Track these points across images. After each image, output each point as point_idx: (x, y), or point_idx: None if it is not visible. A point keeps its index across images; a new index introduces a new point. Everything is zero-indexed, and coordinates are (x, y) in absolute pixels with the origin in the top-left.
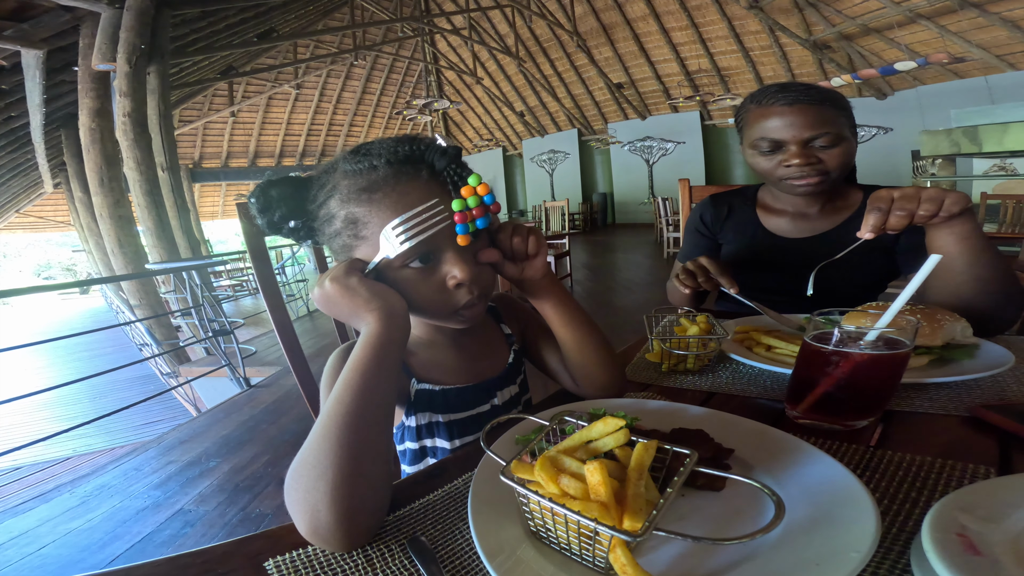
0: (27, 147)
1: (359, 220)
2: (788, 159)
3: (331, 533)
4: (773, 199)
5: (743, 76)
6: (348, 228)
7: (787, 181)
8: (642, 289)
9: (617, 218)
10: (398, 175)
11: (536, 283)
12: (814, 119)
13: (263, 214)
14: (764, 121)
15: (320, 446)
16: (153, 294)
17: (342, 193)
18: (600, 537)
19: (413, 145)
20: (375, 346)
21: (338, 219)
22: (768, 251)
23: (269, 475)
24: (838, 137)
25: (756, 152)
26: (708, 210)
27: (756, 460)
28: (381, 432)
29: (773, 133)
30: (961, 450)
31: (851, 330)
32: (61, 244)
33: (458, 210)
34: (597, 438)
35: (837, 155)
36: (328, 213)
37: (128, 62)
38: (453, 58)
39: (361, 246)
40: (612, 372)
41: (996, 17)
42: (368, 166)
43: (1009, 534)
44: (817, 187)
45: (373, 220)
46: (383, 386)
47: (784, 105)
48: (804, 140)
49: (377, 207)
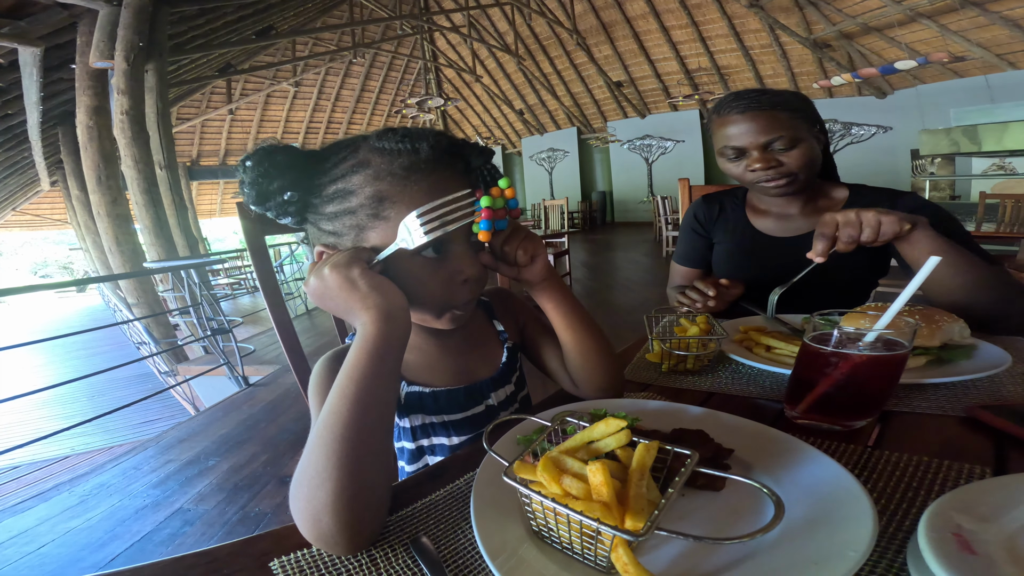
0: (24, 145)
1: (386, 199)
2: (751, 164)
3: (334, 539)
4: (758, 200)
5: (743, 75)
6: (370, 206)
7: (758, 184)
8: (641, 288)
9: (616, 217)
10: (437, 162)
11: (538, 284)
12: (766, 124)
13: (261, 181)
14: (723, 130)
15: (317, 458)
16: (151, 292)
17: (373, 169)
18: (602, 537)
19: (453, 139)
20: (370, 351)
21: (360, 195)
22: (756, 250)
23: (268, 474)
24: (794, 139)
25: (724, 159)
26: (701, 209)
27: (755, 460)
28: (381, 440)
29: (733, 141)
30: (958, 450)
31: (850, 331)
32: (58, 242)
33: (486, 206)
34: (599, 439)
35: (797, 156)
36: (346, 188)
37: (126, 60)
38: (452, 56)
39: (377, 227)
40: (611, 376)
41: (996, 16)
42: (410, 147)
43: (1004, 534)
44: (787, 188)
45: (401, 201)
46: (382, 393)
47: (738, 114)
48: (761, 145)
49: (410, 189)
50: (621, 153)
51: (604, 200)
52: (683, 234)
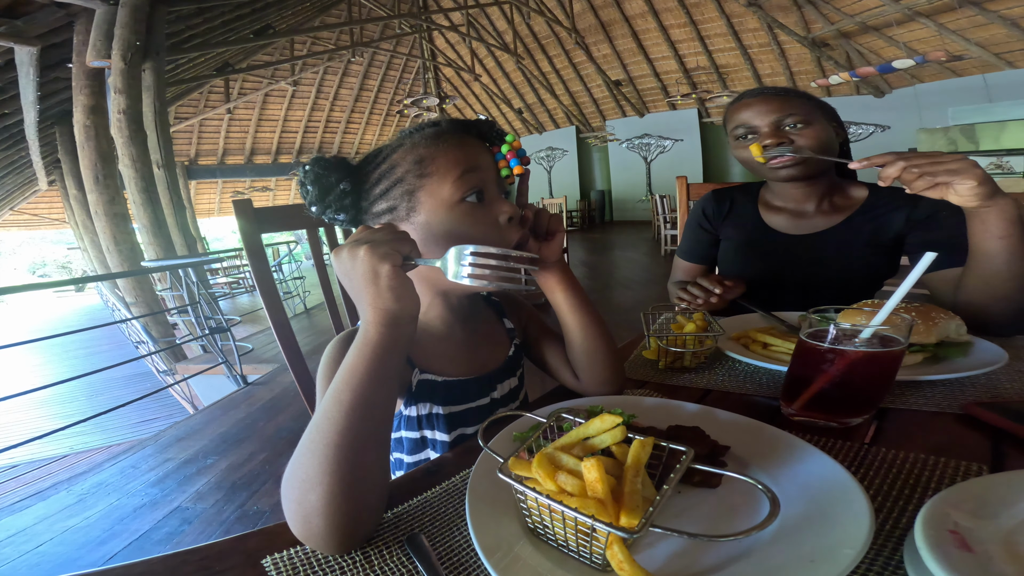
0: (21, 144)
1: (425, 158)
2: (762, 140)
3: (324, 540)
4: (772, 196)
5: (741, 74)
6: (414, 169)
7: (767, 166)
8: (640, 286)
9: (615, 215)
10: (458, 132)
11: (551, 266)
12: (780, 104)
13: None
14: (737, 114)
15: (309, 462)
16: (149, 292)
17: (408, 143)
18: (597, 534)
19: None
20: (369, 356)
21: (403, 164)
22: (767, 247)
23: (266, 472)
24: (807, 120)
25: (737, 143)
26: (710, 204)
27: (752, 457)
28: (375, 445)
29: (746, 120)
30: (954, 447)
31: (846, 328)
32: (56, 242)
33: (508, 150)
34: (594, 435)
35: (809, 135)
36: (390, 166)
37: (123, 59)
38: (451, 55)
39: (424, 185)
40: (614, 367)
41: (994, 15)
42: (433, 124)
43: (1001, 531)
44: (796, 170)
45: (439, 157)
46: (379, 399)
47: (753, 97)
48: (773, 122)
49: (443, 147)
50: (620, 152)
51: (603, 199)
52: (688, 229)
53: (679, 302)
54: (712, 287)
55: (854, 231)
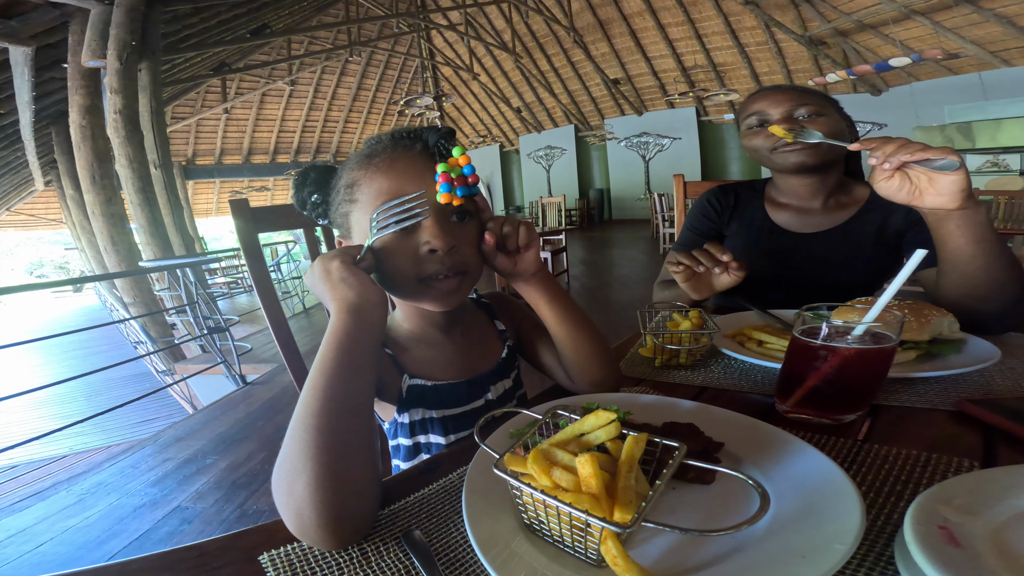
0: (17, 144)
1: (355, 183)
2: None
3: (317, 533)
4: (778, 193)
5: (739, 72)
6: (346, 192)
7: (778, 151)
8: (638, 285)
9: (614, 214)
10: (395, 147)
11: (529, 278)
12: (793, 95)
13: (299, 189)
14: (753, 104)
15: (292, 450)
16: (147, 292)
17: (349, 163)
18: (591, 529)
19: (413, 127)
20: (335, 344)
21: (340, 185)
22: (772, 244)
23: (266, 472)
24: (819, 112)
25: (750, 133)
26: (716, 197)
27: (746, 454)
28: (356, 431)
29: (761, 109)
30: (947, 444)
31: (839, 325)
32: (53, 242)
33: (442, 171)
34: (589, 431)
35: (822, 124)
36: (336, 184)
37: (119, 59)
38: (449, 54)
39: (353, 210)
40: (607, 368)
41: (990, 13)
42: (375, 141)
43: (989, 526)
44: (807, 157)
45: (364, 183)
46: (350, 385)
47: (769, 90)
48: (788, 110)
49: (372, 171)
50: (618, 150)
51: (601, 197)
52: (689, 224)
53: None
54: (719, 255)
55: (860, 229)
